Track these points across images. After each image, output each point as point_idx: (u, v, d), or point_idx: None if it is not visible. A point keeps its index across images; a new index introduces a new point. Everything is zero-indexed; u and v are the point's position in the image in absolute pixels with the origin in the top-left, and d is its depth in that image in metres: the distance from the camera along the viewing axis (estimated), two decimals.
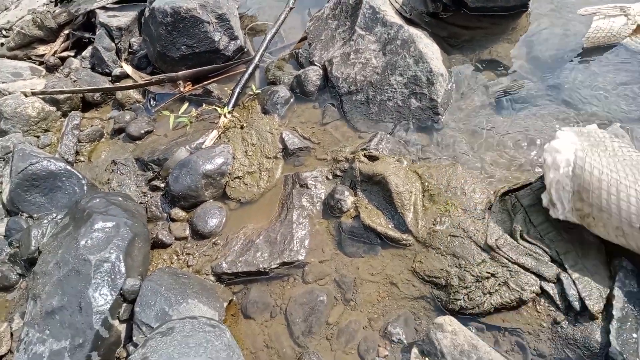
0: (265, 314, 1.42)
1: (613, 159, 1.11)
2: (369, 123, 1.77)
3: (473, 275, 1.25)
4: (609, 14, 1.63)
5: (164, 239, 1.58)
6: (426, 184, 1.49)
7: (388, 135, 1.69)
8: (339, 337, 1.31)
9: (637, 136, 1.44)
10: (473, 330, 1.21)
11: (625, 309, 1.11)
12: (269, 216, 1.63)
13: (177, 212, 1.66)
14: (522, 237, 1.27)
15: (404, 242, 1.41)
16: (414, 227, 1.41)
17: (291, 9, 2.24)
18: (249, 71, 2.03)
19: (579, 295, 1.14)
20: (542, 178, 1.37)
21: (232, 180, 1.74)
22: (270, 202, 1.68)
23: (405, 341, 1.25)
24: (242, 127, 1.89)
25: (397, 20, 1.85)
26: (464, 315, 1.24)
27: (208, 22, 2.11)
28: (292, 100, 1.96)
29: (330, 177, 1.65)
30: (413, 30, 1.78)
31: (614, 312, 1.10)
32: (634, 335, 1.08)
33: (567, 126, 1.48)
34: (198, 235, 1.61)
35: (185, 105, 2.01)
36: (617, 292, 1.13)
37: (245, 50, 2.28)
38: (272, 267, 1.47)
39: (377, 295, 1.37)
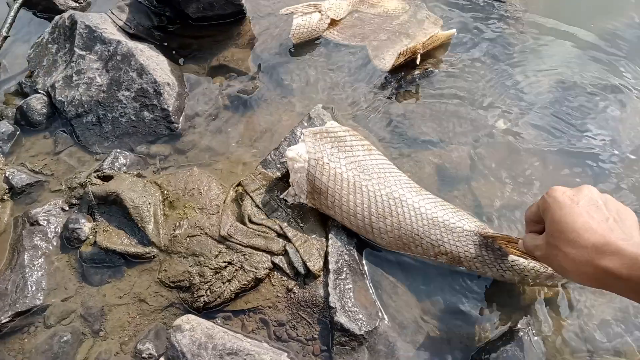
0: None
1: (340, 164, 1.29)
2: (106, 143, 1.69)
3: (212, 269, 1.28)
4: (305, 11, 1.85)
5: None
6: (165, 192, 1.48)
7: (126, 152, 1.63)
8: None
9: (337, 114, 1.66)
10: (219, 322, 1.24)
11: (339, 261, 1.26)
12: (0, 266, 1.44)
13: None
14: (250, 221, 1.34)
15: (148, 255, 1.37)
16: (155, 237, 1.38)
17: (5, 37, 2.01)
18: None
19: (302, 260, 1.26)
20: (262, 164, 1.49)
21: None
22: (1, 250, 1.48)
23: (156, 354, 1.21)
24: None
25: (118, 36, 1.80)
26: (210, 310, 1.26)
27: None
28: (17, 134, 1.76)
29: (67, 207, 1.52)
30: (132, 44, 1.75)
31: (330, 267, 1.24)
32: (348, 281, 1.23)
33: (304, 125, 1.59)
34: None
35: None
36: (330, 248, 1.27)
37: None
38: (3, 321, 1.29)
39: (128, 317, 1.30)
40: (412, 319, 1.21)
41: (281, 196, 1.36)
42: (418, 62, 1.69)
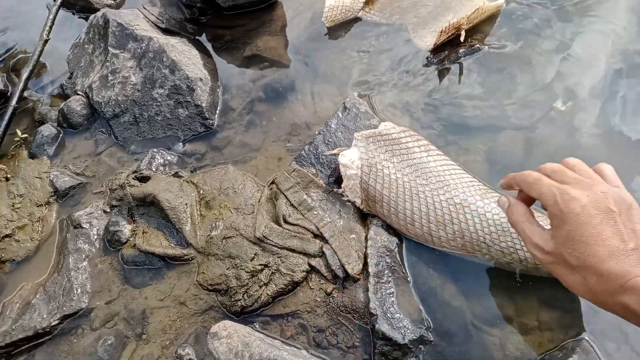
0: None
1: (395, 170, 1.22)
2: (143, 143, 1.68)
3: (248, 272, 1.24)
4: None
5: None
6: (201, 191, 1.46)
7: (162, 151, 1.62)
8: None
9: (375, 103, 1.56)
10: (257, 326, 1.21)
11: (380, 263, 1.18)
12: (49, 268, 1.48)
13: None
14: (285, 221, 1.29)
15: (186, 257, 1.36)
16: (193, 239, 1.37)
17: (46, 41, 2.04)
18: (7, 117, 1.82)
19: (340, 262, 1.19)
20: (296, 160, 1.42)
21: (0, 241, 1.53)
22: (49, 252, 1.52)
23: (195, 359, 1.20)
24: (7, 179, 1.68)
25: (150, 32, 1.78)
26: (248, 314, 1.23)
27: None
28: (61, 136, 1.80)
29: (108, 209, 1.53)
30: (164, 40, 1.72)
31: (370, 269, 1.17)
32: (390, 285, 1.15)
33: (338, 116, 1.52)
34: None
35: None
36: (370, 249, 1.20)
37: (9, 93, 2.04)
38: (53, 324, 1.33)
39: (168, 319, 1.30)
40: (461, 325, 1.11)
41: (339, 191, 1.31)
42: (462, 38, 1.55)
